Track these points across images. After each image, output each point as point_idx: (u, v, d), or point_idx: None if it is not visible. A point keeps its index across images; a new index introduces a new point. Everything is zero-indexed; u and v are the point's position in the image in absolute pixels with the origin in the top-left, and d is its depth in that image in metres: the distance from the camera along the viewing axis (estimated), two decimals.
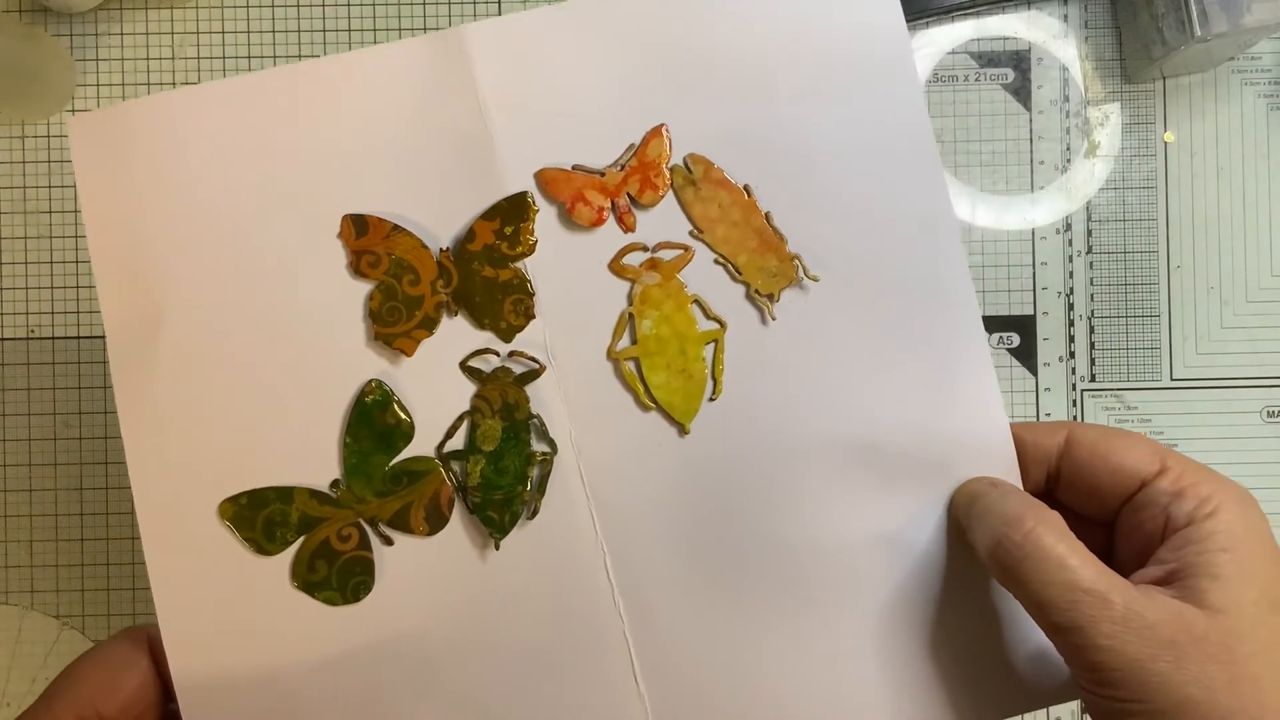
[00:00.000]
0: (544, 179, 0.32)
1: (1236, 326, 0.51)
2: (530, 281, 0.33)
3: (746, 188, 0.33)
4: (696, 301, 0.33)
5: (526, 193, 0.32)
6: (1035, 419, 0.51)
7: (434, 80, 0.32)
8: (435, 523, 0.32)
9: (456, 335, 0.32)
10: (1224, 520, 0.28)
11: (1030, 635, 0.33)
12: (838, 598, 0.33)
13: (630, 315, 0.33)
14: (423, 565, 0.32)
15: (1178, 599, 0.28)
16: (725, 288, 0.33)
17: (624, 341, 0.33)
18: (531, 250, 0.33)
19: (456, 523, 0.32)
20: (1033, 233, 0.51)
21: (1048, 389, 0.51)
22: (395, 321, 0.32)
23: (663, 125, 0.33)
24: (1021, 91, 0.52)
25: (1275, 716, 0.27)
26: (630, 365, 0.33)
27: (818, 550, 0.33)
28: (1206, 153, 0.51)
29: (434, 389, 0.32)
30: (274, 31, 0.52)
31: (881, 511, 0.33)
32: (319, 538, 0.32)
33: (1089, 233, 0.51)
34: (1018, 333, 0.51)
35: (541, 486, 0.32)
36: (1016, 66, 0.52)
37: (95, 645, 0.31)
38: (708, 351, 0.33)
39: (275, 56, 0.52)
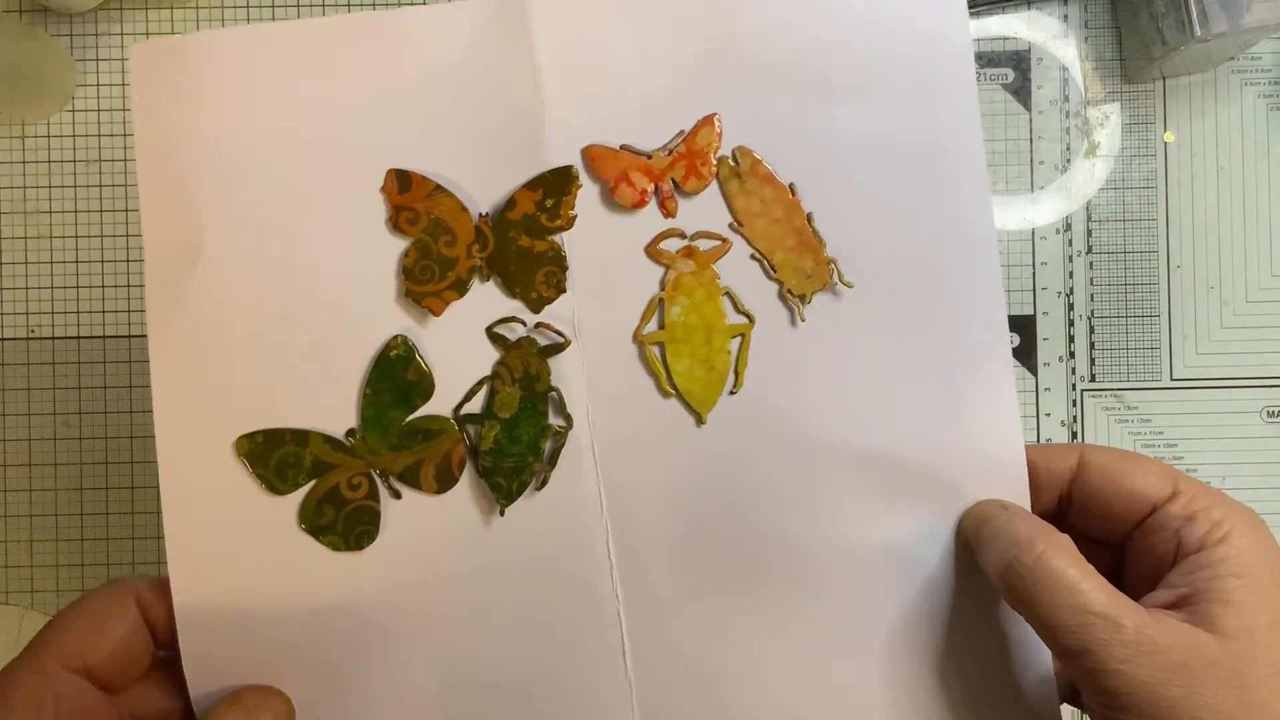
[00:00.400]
0: (591, 155, 0.32)
1: (1236, 326, 0.51)
2: (565, 255, 0.33)
3: (791, 186, 0.33)
4: (728, 294, 0.33)
5: (571, 167, 0.32)
6: (1035, 419, 0.51)
7: (492, 44, 0.32)
8: (445, 482, 0.33)
9: (486, 300, 0.33)
10: (1235, 545, 0.29)
11: (1038, 658, 0.33)
12: (840, 607, 0.33)
13: (661, 300, 0.33)
14: (427, 522, 0.32)
15: (1189, 623, 0.28)
16: (758, 284, 0.33)
17: (651, 325, 0.33)
18: (570, 224, 0.33)
19: (465, 484, 0.33)
20: (1033, 233, 0.51)
21: (1048, 389, 0.51)
22: (427, 280, 0.32)
23: (715, 115, 0.33)
24: (1021, 91, 0.52)
25: None
26: (655, 350, 0.33)
27: (823, 556, 0.33)
28: (1206, 153, 0.51)
29: (458, 351, 0.32)
30: None
31: (891, 524, 0.33)
32: (329, 483, 0.32)
33: (1089, 233, 0.51)
34: (1018, 333, 0.51)
35: (553, 459, 0.33)
36: (1016, 66, 0.52)
37: (81, 596, 0.31)
38: (733, 345, 0.33)
39: None
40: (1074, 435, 0.51)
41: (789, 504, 0.33)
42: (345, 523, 0.32)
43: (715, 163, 0.33)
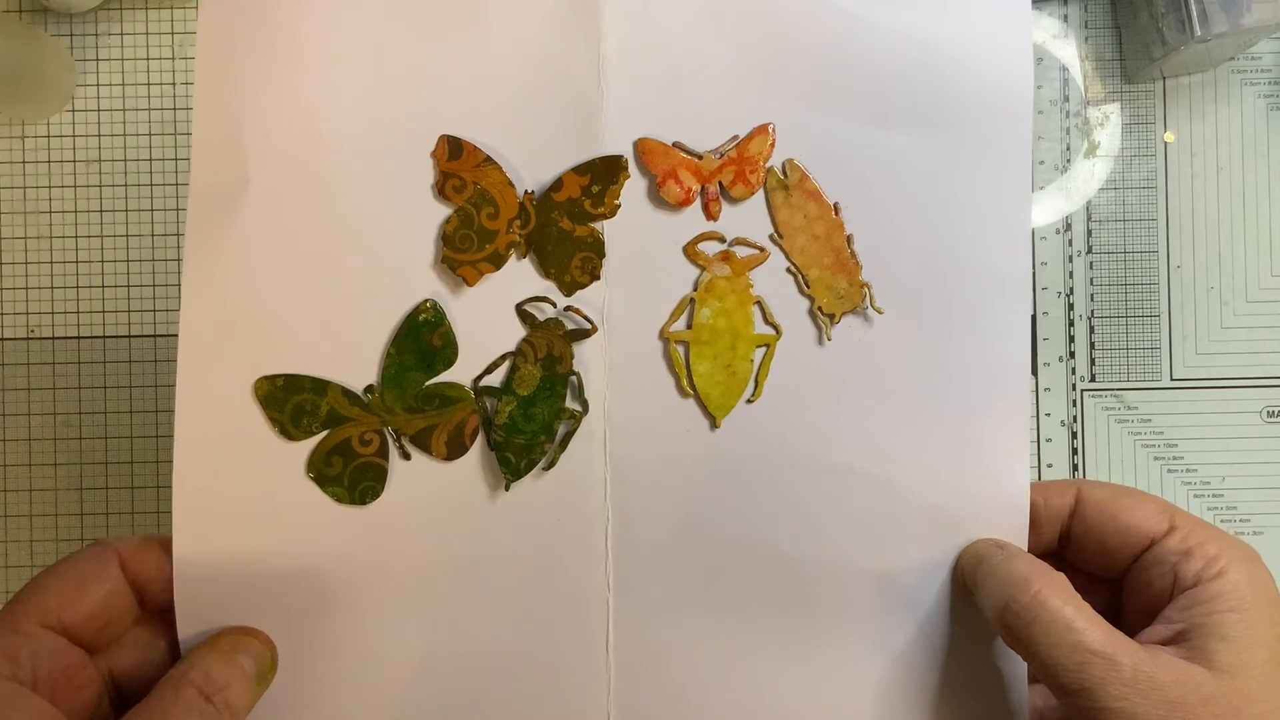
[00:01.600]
0: (643, 148, 0.33)
1: (1236, 326, 0.51)
2: (604, 243, 0.33)
3: (836, 205, 0.33)
4: (759, 303, 0.34)
5: (622, 157, 0.33)
6: (1036, 419, 0.51)
7: (560, 25, 0.32)
8: (455, 450, 0.33)
9: (520, 277, 0.33)
10: (1231, 580, 0.29)
11: (1027, 698, 0.33)
12: (831, 630, 0.33)
13: (692, 300, 0.33)
14: (433, 487, 0.33)
15: (1185, 659, 0.28)
16: (790, 297, 0.34)
17: (679, 324, 0.33)
18: (613, 213, 0.33)
19: (475, 455, 0.33)
20: (1033, 233, 0.51)
21: (1048, 389, 0.51)
22: (465, 249, 0.33)
23: (770, 124, 0.33)
24: None
25: None
26: (679, 349, 0.33)
27: (819, 577, 0.33)
28: (1206, 153, 0.51)
29: (485, 323, 0.33)
30: None
31: (890, 554, 0.33)
32: (342, 435, 0.32)
33: (1089, 233, 0.51)
34: None
35: (564, 442, 0.33)
36: None
37: (62, 558, 0.31)
38: (757, 354, 0.33)
39: None
40: (1074, 435, 0.51)
41: (792, 520, 0.33)
42: (352, 476, 0.32)
43: (764, 172, 0.33)
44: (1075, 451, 0.51)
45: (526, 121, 0.33)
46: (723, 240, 0.33)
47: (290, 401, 0.32)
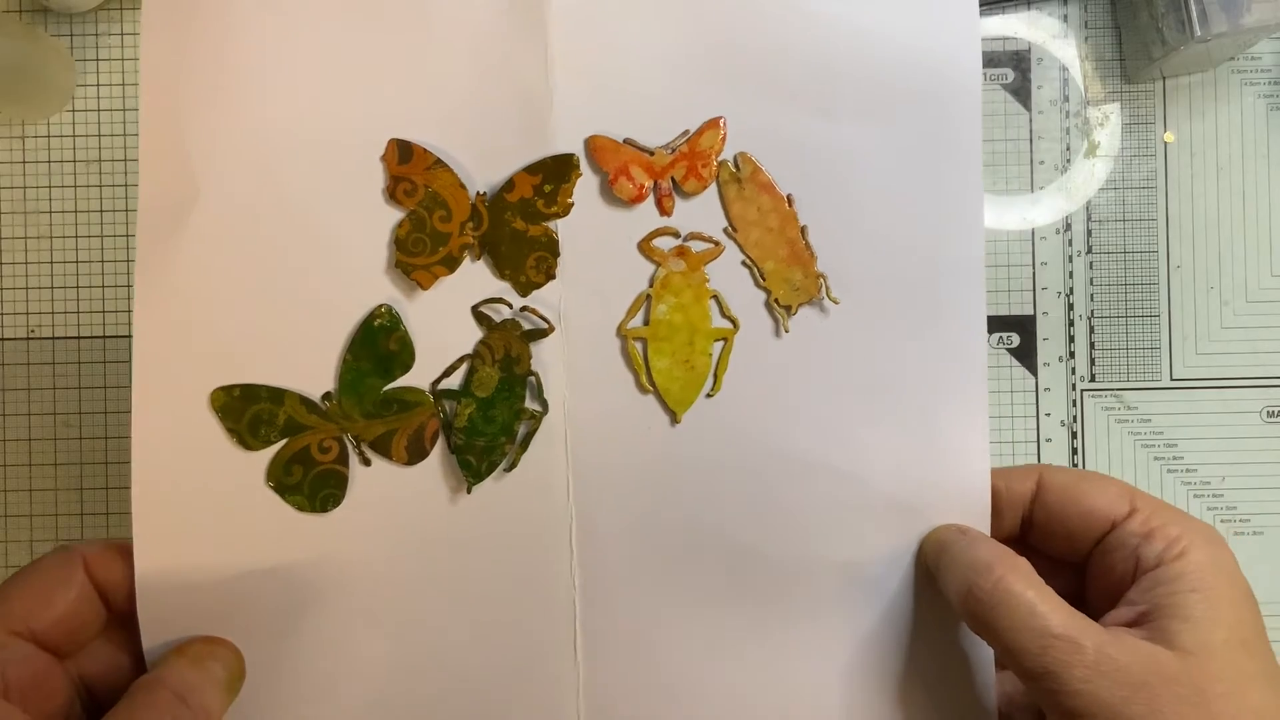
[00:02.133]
0: (594, 146, 0.32)
1: (1236, 326, 0.51)
2: (558, 242, 0.33)
3: (789, 197, 0.33)
4: (715, 298, 0.33)
5: (574, 155, 0.32)
6: (1035, 419, 0.51)
7: (507, 27, 0.32)
8: (415, 454, 0.32)
9: (474, 279, 0.33)
10: (1193, 561, 0.29)
11: (993, 683, 0.33)
12: (798, 620, 0.33)
13: (648, 297, 0.33)
14: (394, 493, 0.32)
15: (1149, 640, 0.28)
16: (746, 290, 0.33)
17: (636, 321, 0.33)
18: (566, 212, 0.33)
19: (435, 459, 0.33)
20: (1033, 233, 0.51)
21: (1047, 389, 0.51)
22: (419, 253, 0.32)
23: (721, 118, 0.33)
24: (1021, 91, 0.52)
25: None
26: (637, 345, 0.33)
27: (785, 568, 0.33)
28: (1206, 153, 0.51)
29: (441, 326, 0.32)
30: None
31: (855, 542, 0.33)
32: (301, 443, 0.32)
33: (1089, 233, 0.51)
34: (1017, 333, 0.51)
35: (525, 443, 0.33)
36: (1016, 67, 0.52)
37: (28, 564, 0.30)
38: (715, 348, 0.33)
39: None
40: (1074, 435, 0.51)
41: (755, 512, 0.33)
42: (312, 484, 0.32)
43: (716, 166, 0.33)
44: (1075, 451, 0.51)
45: (476, 122, 0.32)
46: (677, 235, 0.33)
47: (247, 411, 0.32)
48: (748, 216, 0.33)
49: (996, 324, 0.51)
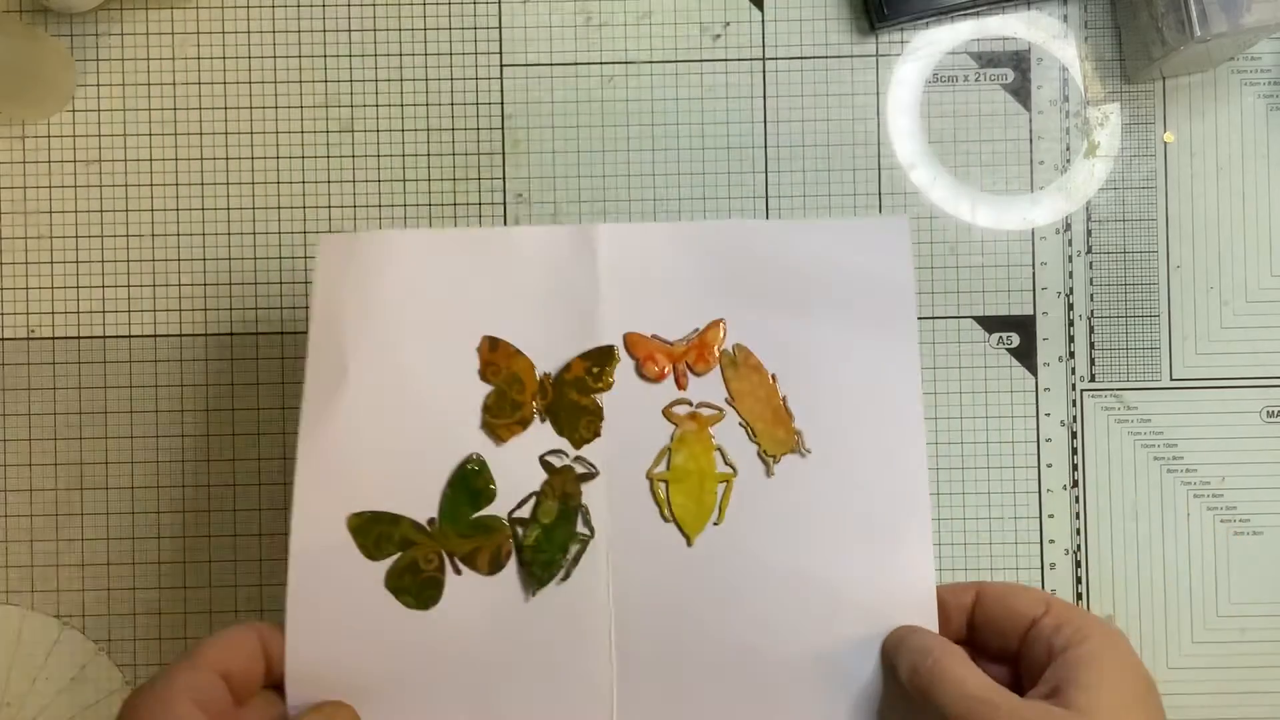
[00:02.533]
0: (629, 339, 0.44)
1: (1236, 326, 0.51)
2: (603, 409, 0.44)
3: (774, 375, 0.44)
4: (719, 450, 0.44)
5: (614, 346, 0.44)
6: (1035, 419, 0.51)
7: (568, 257, 0.45)
8: (494, 566, 0.43)
9: (541, 436, 0.43)
10: (1092, 645, 0.37)
11: None
12: (788, 700, 0.42)
13: (669, 449, 0.44)
14: (478, 595, 0.42)
15: (1051, 703, 0.35)
16: (742, 444, 0.44)
17: (660, 466, 0.44)
18: (609, 387, 0.44)
19: (510, 570, 0.43)
20: (1032, 233, 0.51)
21: (1047, 389, 0.51)
22: (501, 416, 0.43)
23: (721, 319, 0.44)
24: (1021, 92, 0.52)
25: None
26: (661, 486, 0.43)
27: (776, 660, 0.42)
28: (1206, 153, 0.51)
29: (516, 470, 0.43)
30: (274, 32, 0.52)
31: (833, 641, 0.42)
32: (411, 557, 0.42)
33: (1089, 233, 0.51)
34: (1017, 333, 0.51)
35: (576, 558, 0.42)
36: (1016, 67, 0.52)
37: (221, 629, 0.40)
38: (720, 488, 0.43)
39: (275, 56, 0.52)
40: (1074, 435, 0.51)
41: (753, 616, 0.42)
42: (419, 587, 0.42)
43: (719, 354, 0.44)
44: (1075, 452, 0.51)
45: (545, 323, 0.44)
46: (690, 404, 0.44)
47: (373, 531, 0.42)
48: (743, 390, 0.44)
49: (996, 324, 0.51)
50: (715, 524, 0.43)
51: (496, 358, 0.44)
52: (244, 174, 0.52)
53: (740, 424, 0.44)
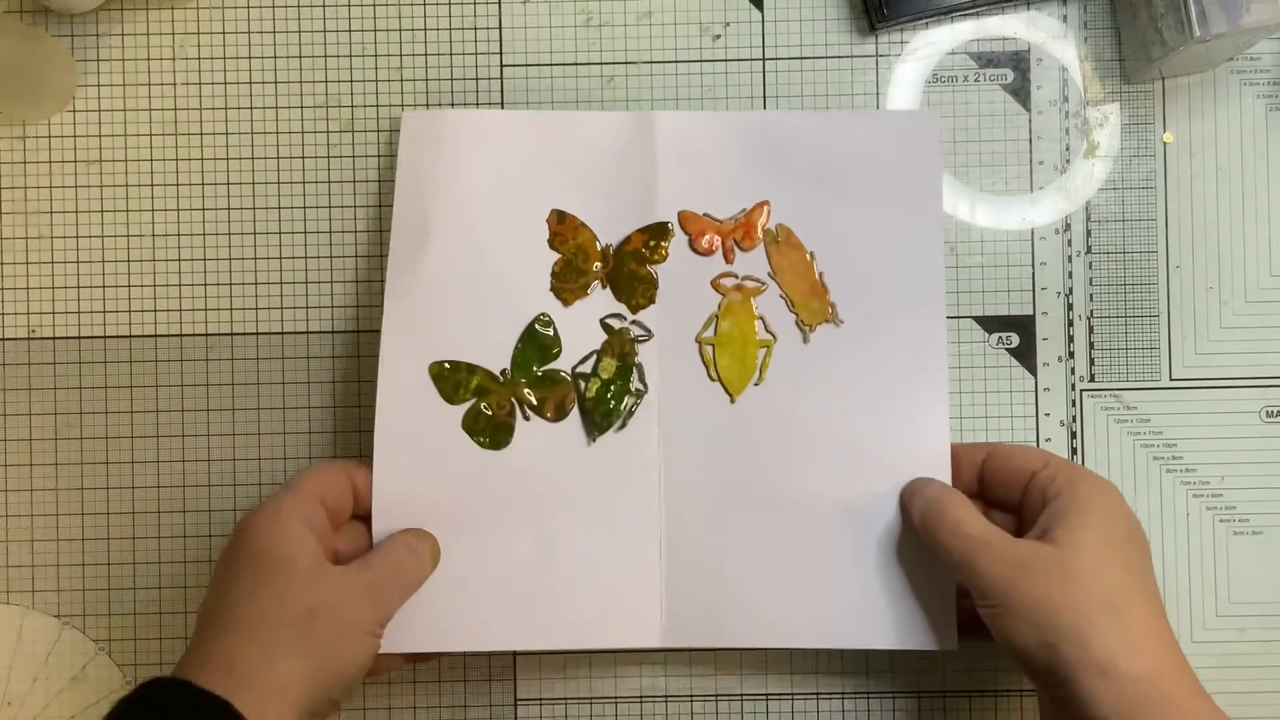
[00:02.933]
0: (683, 216, 0.50)
1: (1236, 326, 0.51)
2: (658, 279, 0.49)
3: (811, 253, 0.49)
4: (761, 319, 0.49)
5: (669, 222, 0.49)
6: (1035, 419, 0.51)
7: (630, 140, 0.50)
8: (559, 414, 0.49)
9: (602, 300, 0.49)
10: (1080, 492, 0.42)
11: (944, 580, 0.47)
12: (818, 537, 0.48)
13: (716, 316, 0.49)
14: (544, 439, 0.49)
15: (1038, 541, 0.41)
16: (782, 314, 0.49)
17: (708, 331, 0.49)
18: (664, 259, 0.49)
19: (572, 418, 0.49)
20: (1032, 233, 0.51)
21: (1047, 389, 0.51)
22: (567, 282, 0.49)
23: (766, 201, 0.49)
24: (1021, 92, 0.52)
25: (1094, 607, 0.39)
26: (708, 349, 0.49)
27: (807, 506, 0.48)
28: (1205, 153, 0.52)
29: (580, 330, 0.49)
30: (274, 32, 0.52)
31: (857, 490, 0.48)
32: (485, 402, 0.48)
33: (1088, 233, 0.51)
34: (1017, 333, 0.51)
35: (631, 410, 0.49)
36: (1016, 67, 0.52)
37: (315, 462, 0.50)
38: (760, 353, 0.49)
39: (275, 56, 0.52)
40: (1073, 435, 0.51)
41: (788, 466, 0.48)
42: (492, 430, 0.48)
43: (763, 232, 0.49)
44: (1075, 451, 0.51)
45: (607, 200, 0.50)
46: (736, 276, 0.49)
47: (452, 379, 0.48)
48: (783, 265, 0.49)
49: (995, 324, 0.51)
50: (756, 384, 0.49)
51: (564, 229, 0.49)
52: (244, 174, 0.52)
53: (780, 296, 0.49)
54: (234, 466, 0.51)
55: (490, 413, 0.48)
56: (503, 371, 0.48)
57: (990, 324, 0.51)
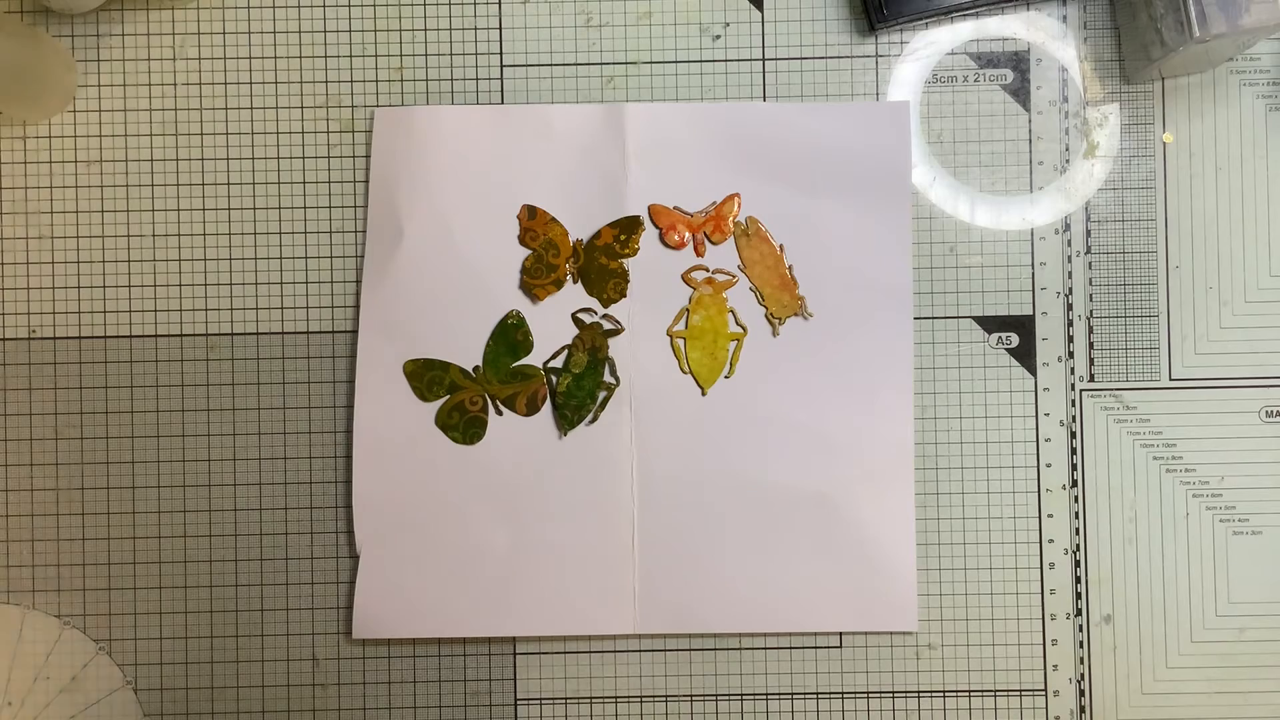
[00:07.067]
0: (653, 210, 0.50)
1: (1235, 326, 0.51)
2: (629, 273, 0.50)
3: (781, 246, 0.50)
4: (731, 311, 0.50)
5: (639, 216, 0.50)
6: (1034, 419, 0.51)
7: (600, 133, 0.50)
8: (531, 409, 0.50)
9: (573, 295, 0.50)
10: None
11: (903, 557, 0.50)
12: (782, 521, 0.50)
13: (687, 310, 0.50)
14: (516, 434, 0.50)
15: None
16: (752, 307, 0.50)
17: (679, 325, 0.50)
18: (635, 253, 0.50)
19: (544, 413, 0.50)
20: (1031, 233, 0.51)
21: (1046, 389, 0.51)
22: (538, 277, 0.50)
23: (736, 194, 0.50)
24: (1020, 92, 0.52)
25: None
26: (679, 342, 0.50)
27: (774, 492, 0.50)
28: (1205, 153, 0.52)
29: (550, 325, 0.50)
30: (274, 32, 0.52)
31: (822, 477, 0.50)
32: (459, 398, 0.50)
33: (1088, 233, 0.52)
34: (1016, 333, 0.51)
35: (603, 404, 0.50)
36: (1015, 67, 0.52)
37: None
38: (731, 345, 0.50)
39: (276, 56, 0.52)
40: (1073, 435, 0.51)
41: (757, 457, 0.50)
42: (465, 425, 0.50)
43: (733, 225, 0.50)
44: (1074, 451, 0.51)
45: (577, 194, 0.50)
46: (707, 269, 0.50)
47: (426, 375, 0.49)
48: (753, 258, 0.50)
49: (995, 324, 0.51)
50: (726, 377, 0.50)
51: (535, 224, 0.50)
52: (244, 174, 0.52)
53: (750, 289, 0.50)
54: (234, 466, 0.51)
55: (464, 408, 0.49)
56: (475, 368, 0.49)
57: (990, 324, 0.51)
